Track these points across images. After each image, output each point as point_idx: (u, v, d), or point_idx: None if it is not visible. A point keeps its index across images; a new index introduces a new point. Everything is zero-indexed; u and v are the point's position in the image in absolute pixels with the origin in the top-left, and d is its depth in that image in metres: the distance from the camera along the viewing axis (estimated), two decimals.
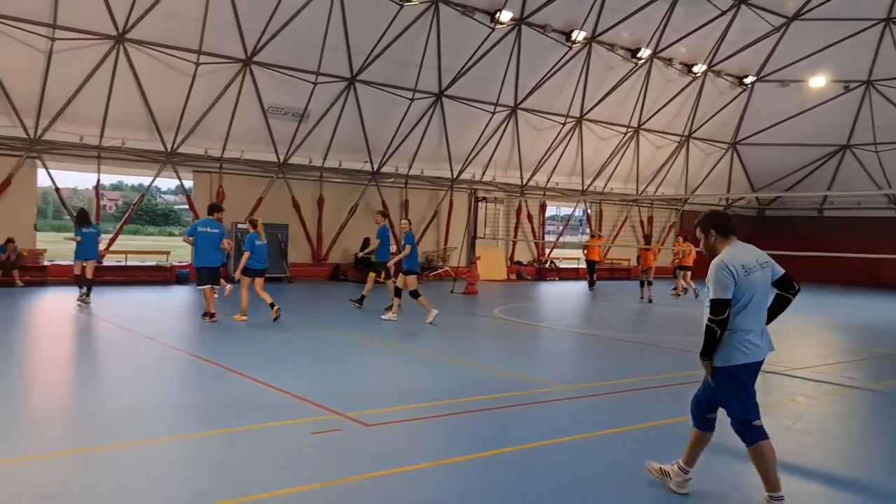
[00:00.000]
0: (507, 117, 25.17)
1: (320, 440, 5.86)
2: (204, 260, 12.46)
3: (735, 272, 4.56)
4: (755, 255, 4.74)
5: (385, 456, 5.59)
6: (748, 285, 4.58)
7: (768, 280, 4.72)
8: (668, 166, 30.77)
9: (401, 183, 24.89)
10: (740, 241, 4.81)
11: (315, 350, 10.34)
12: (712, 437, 4.96)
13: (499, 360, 10.28)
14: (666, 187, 31.58)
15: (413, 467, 5.33)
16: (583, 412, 7.39)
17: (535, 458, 5.66)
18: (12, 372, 8.39)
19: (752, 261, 4.67)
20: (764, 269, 4.69)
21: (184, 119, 19.66)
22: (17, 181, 18.12)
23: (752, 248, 4.81)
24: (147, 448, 5.61)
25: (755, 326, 4.64)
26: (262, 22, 18.94)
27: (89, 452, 5.45)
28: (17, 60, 17.06)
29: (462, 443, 6.06)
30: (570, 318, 16.83)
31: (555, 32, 23.12)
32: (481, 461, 5.54)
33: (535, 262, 28.42)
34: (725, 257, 4.66)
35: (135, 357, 9.60)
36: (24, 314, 13.40)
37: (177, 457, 5.52)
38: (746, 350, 4.61)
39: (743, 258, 4.65)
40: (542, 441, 6.11)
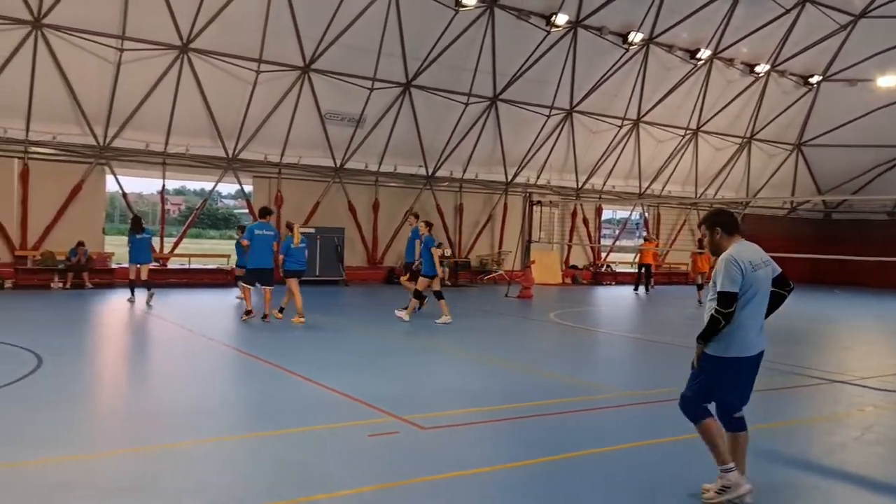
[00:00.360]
0: (562, 120, 24.99)
1: (377, 442, 5.91)
2: (258, 261, 12.84)
3: (743, 267, 4.71)
4: (759, 254, 4.88)
5: (442, 459, 5.60)
6: (753, 280, 4.73)
7: (769, 277, 4.87)
8: (728, 169, 30.04)
9: (455, 187, 24.95)
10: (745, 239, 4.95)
11: (370, 352, 10.44)
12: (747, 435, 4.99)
13: (555, 364, 10.20)
14: (726, 190, 30.82)
15: (470, 471, 5.32)
16: (643, 419, 7.26)
17: (593, 465, 5.60)
18: (82, 370, 8.73)
19: (757, 258, 4.83)
20: (766, 267, 4.86)
21: (244, 126, 20.14)
22: (87, 187, 18.85)
23: (755, 247, 4.94)
24: (211, 446, 5.76)
25: (754, 322, 4.79)
26: (321, 30, 19.27)
27: (156, 449, 5.62)
28: (89, 71, 17.76)
29: (519, 448, 6.03)
30: (627, 322, 16.59)
31: (611, 34, 22.85)
32: (539, 467, 5.51)
33: (590, 266, 28.10)
34: (734, 252, 4.79)
35: (197, 357, 9.88)
36: (93, 315, 13.91)
37: (239, 455, 5.65)
38: (744, 344, 4.76)
39: (749, 255, 4.81)
40: (601, 448, 6.04)
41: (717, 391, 4.87)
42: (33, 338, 10.20)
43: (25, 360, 8.52)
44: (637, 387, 8.79)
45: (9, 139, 17.85)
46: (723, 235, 4.94)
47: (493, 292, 21.25)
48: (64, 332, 11.64)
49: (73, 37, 17.19)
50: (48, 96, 17.59)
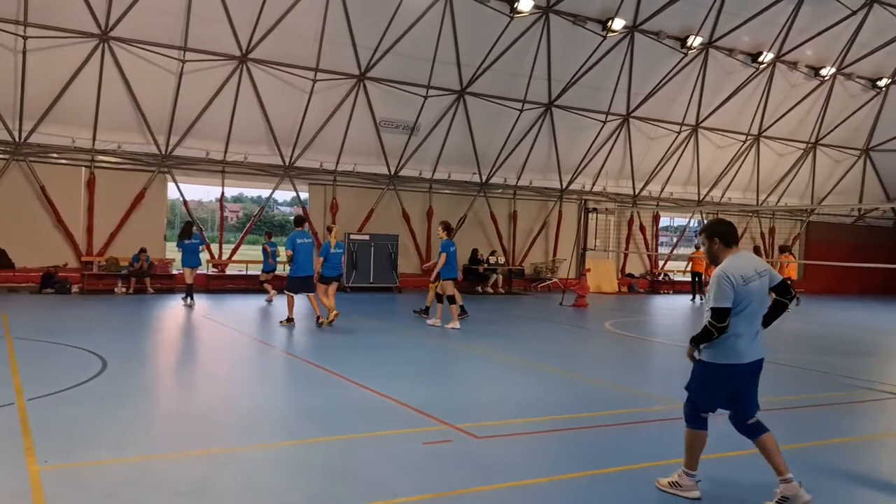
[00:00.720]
0: (618, 126, 24.64)
1: (431, 450, 5.86)
2: (301, 269, 13.08)
3: (734, 282, 4.79)
4: (754, 265, 4.94)
5: (496, 469, 5.52)
6: (745, 294, 4.82)
7: (765, 288, 4.95)
8: (792, 175, 29.14)
9: (509, 194, 24.83)
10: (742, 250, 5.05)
11: (423, 359, 10.41)
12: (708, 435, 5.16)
13: (611, 375, 9.99)
14: (790, 197, 29.89)
15: (524, 482, 5.22)
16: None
17: (648, 479, 5.42)
18: (144, 374, 8.93)
19: (751, 271, 4.89)
20: (762, 278, 4.92)
21: (301, 134, 20.46)
22: (149, 194, 19.41)
23: (752, 257, 5.04)
24: (266, 451, 5.80)
25: (746, 331, 4.87)
26: (376, 38, 19.46)
27: (214, 453, 5.69)
28: (152, 82, 18.32)
29: (575, 459, 5.90)
30: (686, 333, 16.15)
31: (669, 39, 22.45)
32: (594, 479, 5.37)
33: (647, 275, 27.59)
34: (725, 267, 4.88)
35: (253, 361, 10.02)
36: (154, 319, 14.25)
37: (294, 461, 5.67)
38: (735, 352, 4.87)
39: (742, 269, 4.87)
40: (659, 461, 5.85)
41: (704, 394, 5.03)
42: (98, 341, 10.51)
43: (91, 363, 8.77)
44: None
45: (77, 148, 18.53)
46: (720, 246, 5.02)
47: (547, 300, 21.04)
48: (127, 336, 11.96)
49: (138, 49, 17.76)
50: (114, 106, 18.21)
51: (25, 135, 17.78)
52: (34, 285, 17.77)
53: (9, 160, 17.86)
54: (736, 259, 4.93)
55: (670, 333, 15.66)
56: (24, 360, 8.79)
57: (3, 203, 17.84)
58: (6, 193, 17.89)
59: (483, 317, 16.62)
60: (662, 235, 30.45)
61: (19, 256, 17.94)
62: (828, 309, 22.56)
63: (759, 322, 4.96)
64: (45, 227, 18.39)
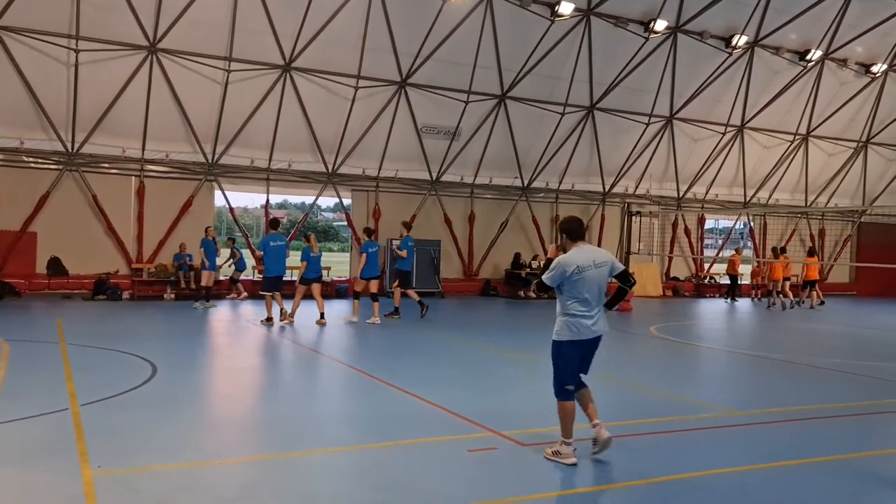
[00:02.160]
0: (662, 128, 24.30)
1: (477, 458, 5.82)
2: (273, 270, 14.04)
3: (569, 271, 5.63)
4: (593, 257, 5.76)
5: (542, 478, 5.45)
6: (581, 281, 5.63)
7: (605, 275, 5.76)
8: (842, 175, 28.35)
9: (551, 198, 24.67)
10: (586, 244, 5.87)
11: (467, 365, 10.38)
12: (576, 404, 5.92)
13: (657, 380, 9.82)
14: (840, 198, 29.09)
15: (570, 491, 5.17)
16: (755, 440, 6.84)
17: (701, 490, 5.30)
18: (193, 379, 9.08)
19: (589, 262, 5.69)
20: (600, 268, 5.73)
21: (343, 140, 20.65)
22: (196, 202, 19.79)
23: (594, 250, 5.88)
24: (315, 457, 5.83)
25: (586, 313, 5.70)
26: (417, 45, 19.55)
27: (263, 459, 5.74)
28: (199, 92, 18.70)
29: (622, 468, 5.79)
30: (733, 337, 15.83)
31: (713, 38, 22.08)
32: (643, 489, 5.27)
33: (692, 278, 27.11)
34: (565, 257, 5.73)
35: (299, 367, 10.12)
36: (201, 325, 14.49)
37: (342, 467, 5.69)
38: (575, 330, 5.74)
39: (580, 260, 5.68)
40: (709, 470, 5.71)
41: (566, 370, 5.85)
42: (148, 347, 10.73)
43: (142, 369, 8.96)
44: (747, 406, 8.31)
45: (127, 158, 19.00)
46: (566, 240, 5.84)
47: None
48: (176, 341, 12.19)
49: (185, 60, 18.14)
50: (162, 117, 18.64)
51: (78, 145, 18.30)
52: (87, 292, 18.26)
53: (63, 170, 18.40)
54: (578, 251, 5.74)
55: (717, 338, 15.34)
56: (78, 366, 9.02)
57: (58, 212, 18.38)
58: (60, 203, 18.43)
59: (525, 322, 16.53)
60: (707, 238, 29.90)
61: (73, 264, 18.46)
62: (881, 313, 21.86)
63: (599, 305, 5.78)
64: (97, 235, 18.89)
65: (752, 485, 5.47)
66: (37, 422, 6.47)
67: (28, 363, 9.30)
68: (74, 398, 7.27)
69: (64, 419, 6.52)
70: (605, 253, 5.92)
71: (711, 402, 8.44)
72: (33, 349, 10.47)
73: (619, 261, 6.61)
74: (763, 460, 6.07)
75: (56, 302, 17.00)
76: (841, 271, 30.00)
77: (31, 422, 6.45)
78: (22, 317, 14.56)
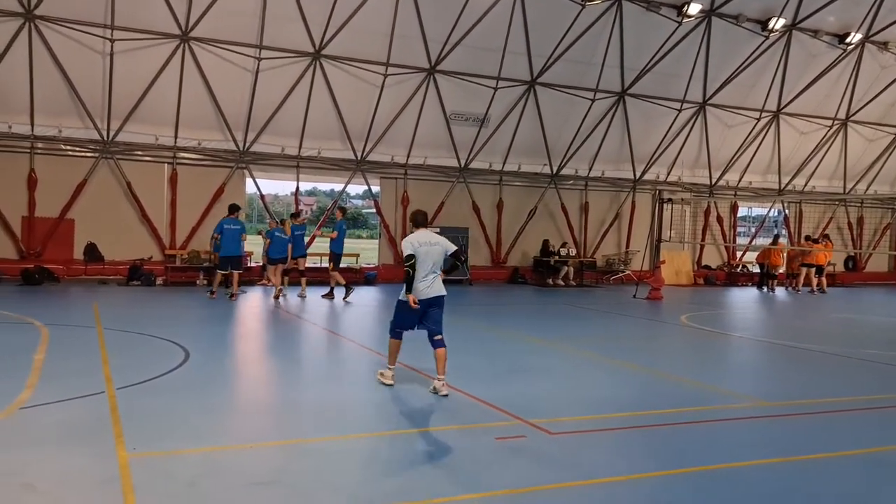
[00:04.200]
0: (694, 114, 23.94)
1: (504, 446, 5.83)
2: (228, 251, 15.57)
3: (413, 244, 7.53)
4: (428, 239, 7.66)
5: (570, 466, 5.45)
6: (419, 254, 7.50)
7: (439, 253, 7.63)
8: (882, 161, 27.68)
9: (581, 185, 24.49)
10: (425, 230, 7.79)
11: (494, 353, 10.38)
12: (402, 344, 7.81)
13: (688, 370, 9.73)
14: (880, 184, 28.44)
15: (599, 480, 5.14)
16: (788, 432, 6.75)
17: (729, 480, 5.25)
18: (225, 364, 9.23)
19: (426, 241, 7.61)
20: (434, 247, 7.61)
21: (372, 128, 20.68)
22: (228, 189, 20.00)
23: (429, 234, 7.76)
24: (343, 443, 5.89)
25: (423, 280, 7.51)
26: (446, 31, 19.46)
27: (291, 444, 5.82)
28: (230, 80, 18.86)
29: (651, 458, 5.77)
30: (766, 326, 15.61)
31: (749, 22, 21.63)
32: (672, 479, 5.24)
33: (725, 266, 26.74)
34: (410, 236, 7.67)
35: (327, 353, 10.22)
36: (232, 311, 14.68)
37: (369, 453, 5.75)
38: (416, 293, 7.48)
39: (419, 238, 7.62)
40: (739, 462, 5.66)
41: (398, 318, 7.74)
42: (181, 332, 10.91)
43: (175, 354, 9.12)
44: (780, 397, 8.20)
45: (160, 146, 19.26)
46: (412, 227, 7.85)
47: (620, 293, 20.67)
48: (207, 326, 12.38)
49: (216, 48, 18.30)
50: (194, 105, 18.84)
51: (113, 133, 18.60)
52: (122, 277, 18.60)
53: (98, 158, 18.72)
54: (418, 234, 7.69)
55: (750, 328, 15.14)
56: (113, 350, 9.21)
57: (94, 199, 18.73)
58: (96, 190, 18.78)
59: (554, 310, 16.46)
60: (740, 226, 29.45)
61: (108, 250, 18.82)
62: None
63: (433, 276, 7.59)
64: (131, 222, 19.22)
65: (779, 478, 5.41)
66: (75, 404, 6.63)
67: (66, 347, 9.53)
68: (110, 382, 7.43)
69: (100, 402, 6.67)
70: (437, 236, 7.81)
71: (742, 393, 8.35)
72: (71, 333, 10.72)
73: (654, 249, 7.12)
74: (792, 453, 5.99)
75: (92, 287, 17.36)
76: (880, 260, 29.38)
77: (70, 404, 6.62)
78: (60, 302, 14.90)
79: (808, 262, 23.38)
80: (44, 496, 4.55)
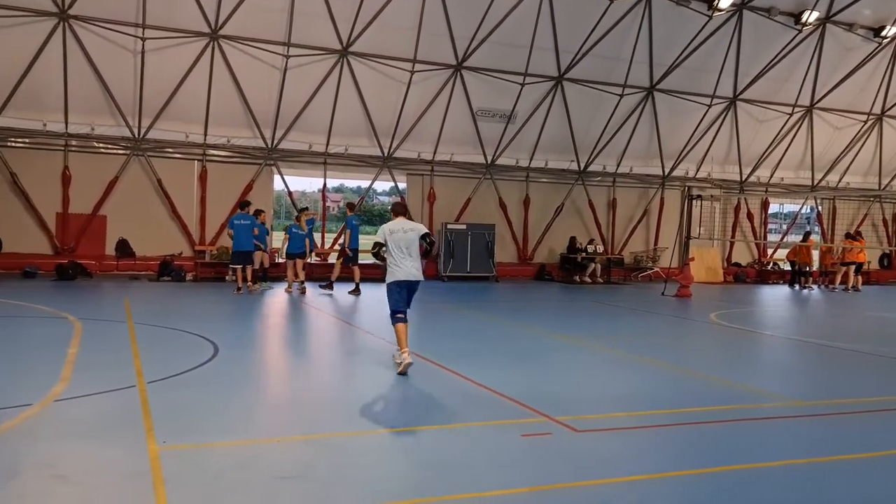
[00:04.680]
0: (724, 109, 23.61)
1: (530, 443, 5.81)
2: (240, 245, 15.91)
3: (384, 231, 8.45)
4: (401, 226, 8.52)
5: (596, 464, 5.42)
6: (394, 240, 8.37)
7: (413, 238, 8.45)
8: None
9: (608, 181, 24.30)
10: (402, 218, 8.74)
11: (521, 349, 10.35)
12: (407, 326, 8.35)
13: (717, 368, 9.60)
14: None
15: (626, 479, 5.10)
16: (819, 432, 6.64)
17: (760, 481, 5.17)
18: (253, 359, 9.32)
19: (399, 228, 8.47)
20: (408, 233, 8.44)
21: (399, 125, 20.72)
22: (257, 185, 20.19)
23: (404, 222, 8.65)
24: (366, 438, 5.92)
25: (400, 264, 8.36)
26: (473, 28, 19.41)
27: (315, 439, 5.85)
28: (258, 78, 19.01)
29: (678, 457, 5.71)
30: (798, 325, 15.36)
31: (782, 15, 21.25)
32: (700, 478, 5.18)
33: (755, 264, 26.36)
34: (385, 225, 8.53)
35: (354, 349, 10.27)
36: (261, 307, 14.82)
37: (393, 449, 5.77)
38: (395, 275, 8.39)
39: (393, 227, 8.48)
40: (771, 462, 5.58)
41: (392, 301, 8.41)
42: (210, 327, 11.05)
43: (204, 348, 9.23)
44: (812, 396, 8.07)
45: (190, 143, 19.50)
46: (391, 216, 8.80)
47: (648, 290, 20.49)
48: (236, 321, 12.52)
49: (245, 45, 18.46)
50: (223, 102, 19.03)
51: (144, 131, 18.87)
52: (153, 273, 18.87)
53: (130, 155, 19.01)
54: (393, 222, 8.57)
55: (781, 326, 14.91)
56: (144, 345, 9.35)
57: (125, 196, 19.03)
58: (128, 187, 19.07)
59: (580, 308, 16.37)
60: (771, 223, 28.98)
61: (139, 246, 19.10)
62: None
63: (410, 259, 8.39)
64: (162, 219, 19.49)
65: (810, 479, 5.32)
66: (107, 397, 6.74)
67: (98, 341, 9.70)
68: (141, 375, 7.55)
69: (131, 396, 6.78)
70: (412, 224, 8.73)
71: (774, 392, 8.23)
72: (103, 328, 10.91)
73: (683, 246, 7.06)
74: (824, 454, 5.89)
75: (124, 282, 17.64)
76: None
77: (102, 397, 6.73)
78: (93, 296, 15.16)
79: (850, 261, 22.90)
80: (76, 487, 4.63)
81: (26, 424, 5.84)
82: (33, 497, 4.47)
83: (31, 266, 17.80)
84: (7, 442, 5.40)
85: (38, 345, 9.43)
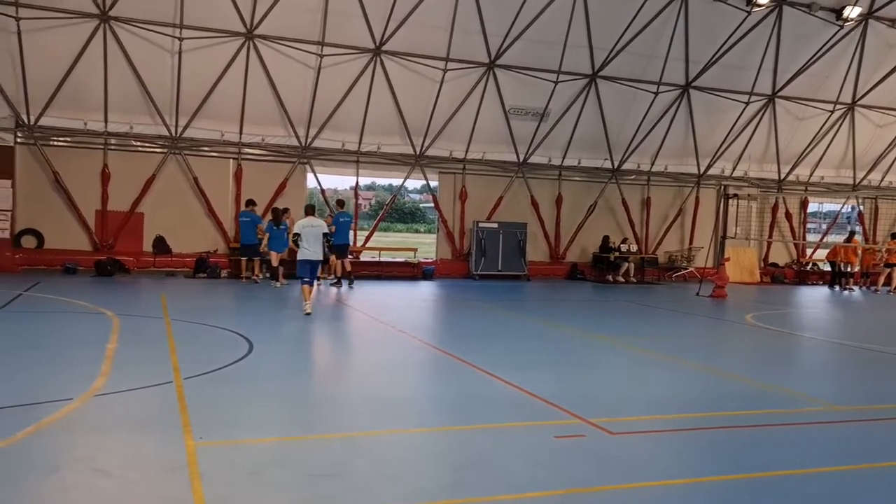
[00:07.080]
0: (763, 107, 23.19)
1: (564, 444, 5.78)
2: (245, 239, 18.13)
3: (300, 225, 12.40)
4: (311, 223, 12.44)
5: (631, 467, 5.36)
6: (305, 233, 12.26)
7: (318, 232, 12.39)
8: None
9: (642, 180, 24.04)
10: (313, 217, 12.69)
11: (554, 350, 10.30)
12: None
13: (754, 371, 9.44)
14: None
15: (659, 482, 5.04)
16: (859, 438, 6.49)
17: (796, 487, 5.07)
18: (287, 356, 9.40)
19: (309, 224, 12.36)
20: (315, 228, 12.38)
21: (431, 123, 20.73)
22: (290, 183, 20.38)
23: (312, 219, 12.56)
24: (402, 436, 5.94)
25: (309, 248, 12.28)
26: (506, 26, 19.33)
27: (351, 437, 5.89)
28: (293, 77, 19.17)
29: (715, 461, 5.63)
30: (837, 327, 15.03)
31: (822, 11, 20.79)
32: (735, 484, 5.10)
33: (794, 264, 25.88)
34: (299, 221, 12.55)
35: (388, 347, 10.31)
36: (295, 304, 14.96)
37: (428, 448, 5.78)
38: (304, 254, 12.33)
39: (305, 223, 12.39)
40: (804, 468, 5.46)
41: (300, 270, 12.39)
42: (245, 324, 11.17)
43: (239, 345, 9.35)
44: (850, 401, 7.90)
45: (226, 142, 19.75)
46: (304, 215, 12.69)
47: (682, 291, 20.24)
48: (270, 318, 12.64)
49: (280, 45, 18.62)
50: (258, 101, 19.23)
51: (181, 130, 19.15)
52: (189, 269, 19.16)
53: (167, 154, 19.32)
54: (306, 220, 12.45)
55: (820, 328, 14.61)
56: (181, 341, 9.50)
57: (163, 193, 19.34)
58: (165, 185, 19.38)
59: (613, 307, 16.23)
60: (810, 222, 28.41)
61: (176, 243, 19.41)
62: None
63: (315, 246, 12.29)
64: (198, 216, 19.77)
65: (846, 486, 5.20)
66: (145, 393, 6.87)
67: (136, 336, 9.88)
68: (178, 371, 7.67)
69: (169, 391, 6.89)
70: (320, 221, 12.77)
71: (811, 396, 8.07)
72: (141, 323, 11.11)
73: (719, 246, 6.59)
74: (861, 460, 5.76)
75: (160, 279, 17.94)
76: None
77: (140, 393, 6.86)
78: (130, 292, 15.45)
79: (894, 262, 22.37)
80: (115, 481, 4.72)
81: (67, 418, 5.97)
82: (74, 490, 4.57)
83: (71, 262, 18.20)
84: (49, 435, 5.52)
85: (78, 340, 9.64)
